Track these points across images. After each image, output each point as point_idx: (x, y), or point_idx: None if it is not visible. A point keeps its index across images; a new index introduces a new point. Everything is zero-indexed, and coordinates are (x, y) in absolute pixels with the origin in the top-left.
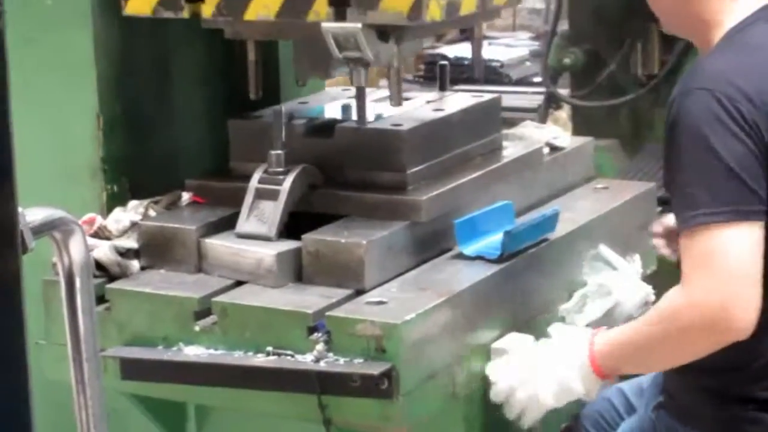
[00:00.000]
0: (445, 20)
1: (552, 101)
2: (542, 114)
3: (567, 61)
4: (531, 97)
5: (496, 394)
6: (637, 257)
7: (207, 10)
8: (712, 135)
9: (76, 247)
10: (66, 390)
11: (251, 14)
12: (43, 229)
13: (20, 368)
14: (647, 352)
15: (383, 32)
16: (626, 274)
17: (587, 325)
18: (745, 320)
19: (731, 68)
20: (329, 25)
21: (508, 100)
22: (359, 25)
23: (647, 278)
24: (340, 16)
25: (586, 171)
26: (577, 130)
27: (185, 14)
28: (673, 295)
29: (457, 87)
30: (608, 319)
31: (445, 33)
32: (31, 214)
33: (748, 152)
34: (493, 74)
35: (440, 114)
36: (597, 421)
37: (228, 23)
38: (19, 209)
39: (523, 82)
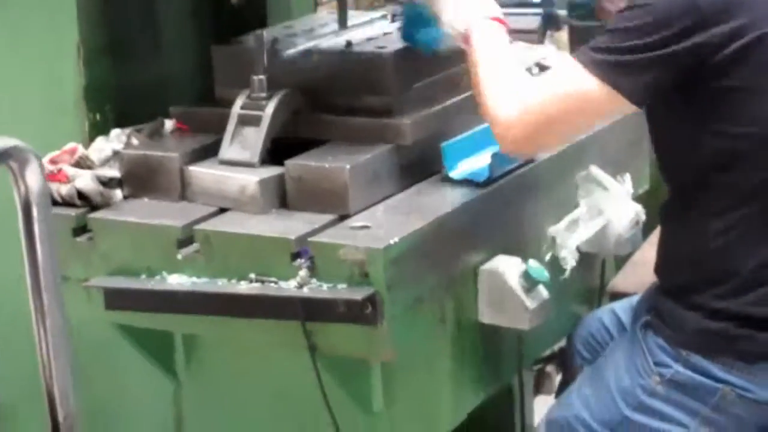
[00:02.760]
0: None
1: (550, 22)
2: (540, 35)
3: None
4: (531, 19)
5: None
6: (627, 177)
7: None
8: (663, 13)
9: (32, 176)
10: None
11: None
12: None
13: None
14: (482, 78)
15: None
16: (617, 195)
17: (578, 248)
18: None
19: None
20: None
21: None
22: None
23: (638, 198)
24: None
25: None
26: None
27: None
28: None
29: None
30: (599, 239)
31: None
32: None
33: (693, 45)
34: None
35: None
36: (588, 342)
37: None
38: None
39: (523, 3)
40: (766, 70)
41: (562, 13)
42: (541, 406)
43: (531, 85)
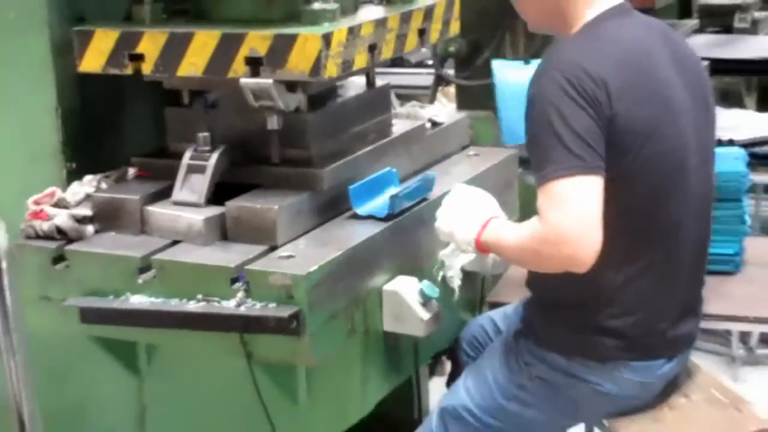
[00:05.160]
0: (341, 74)
1: (440, 81)
2: (432, 91)
3: (452, 49)
4: (426, 77)
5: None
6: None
7: (146, 68)
8: (563, 106)
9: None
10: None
11: (182, 71)
12: None
13: None
14: (511, 253)
15: (291, 85)
16: None
17: (462, 267)
18: (588, 253)
19: (580, 55)
20: (246, 81)
21: (408, 80)
22: (271, 81)
23: None
24: (255, 73)
25: (462, 141)
26: (461, 104)
27: (129, 71)
28: (534, 224)
29: None
30: (479, 261)
31: None
32: None
33: (591, 120)
34: (396, 59)
35: (339, 100)
36: (472, 342)
37: (164, 78)
38: None
39: (420, 64)
40: (623, 139)
41: (450, 72)
42: (436, 385)
43: (541, 220)
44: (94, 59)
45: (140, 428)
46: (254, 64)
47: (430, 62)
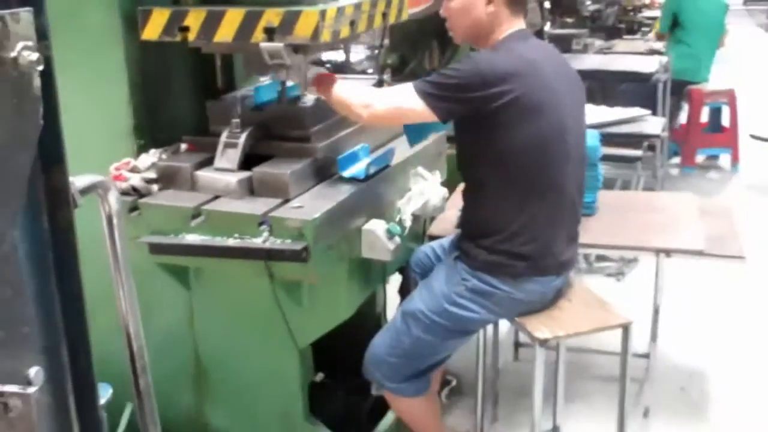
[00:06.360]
0: (331, 41)
1: (381, 84)
2: None
3: (389, 61)
4: (369, 82)
5: None
6: (437, 172)
7: (191, 36)
8: (464, 78)
9: (112, 199)
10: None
11: (218, 38)
12: (89, 190)
13: (77, 287)
14: (341, 101)
15: (296, 48)
16: (432, 182)
17: (412, 213)
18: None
19: (495, 56)
20: (264, 45)
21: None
22: (282, 44)
23: (442, 183)
24: (270, 39)
25: None
26: None
27: (178, 38)
28: (374, 91)
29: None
30: (423, 208)
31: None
32: (79, 181)
33: (475, 97)
34: (347, 68)
35: None
36: (418, 264)
37: (204, 44)
38: (70, 179)
39: (364, 72)
40: (519, 117)
41: (387, 78)
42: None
43: (379, 98)
44: (152, 30)
45: (190, 328)
46: (270, 33)
47: (370, 70)
